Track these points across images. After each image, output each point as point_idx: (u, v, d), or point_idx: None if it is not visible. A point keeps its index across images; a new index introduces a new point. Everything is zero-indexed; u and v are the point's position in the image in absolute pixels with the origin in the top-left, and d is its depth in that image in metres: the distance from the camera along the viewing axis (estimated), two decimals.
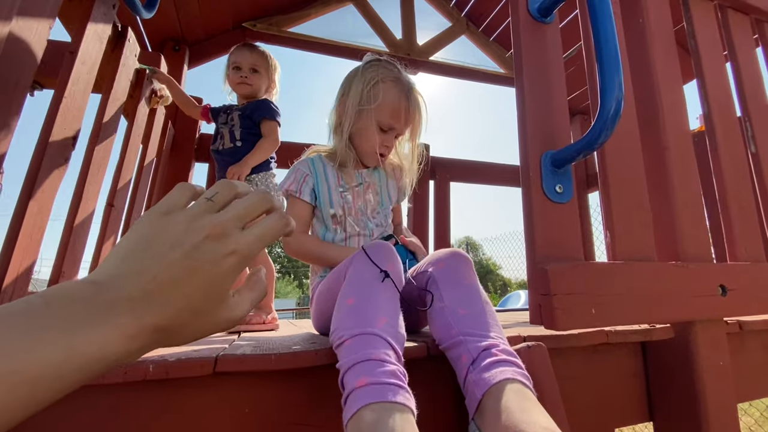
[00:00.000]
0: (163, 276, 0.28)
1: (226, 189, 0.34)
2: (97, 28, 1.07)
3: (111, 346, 0.26)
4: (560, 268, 0.66)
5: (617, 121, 0.66)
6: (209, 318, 0.31)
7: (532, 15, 0.84)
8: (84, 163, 1.12)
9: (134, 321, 0.27)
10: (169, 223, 0.31)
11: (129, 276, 0.28)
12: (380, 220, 1.10)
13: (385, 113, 1.03)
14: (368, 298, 0.62)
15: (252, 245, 0.32)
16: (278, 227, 0.34)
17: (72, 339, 0.24)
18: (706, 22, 1.13)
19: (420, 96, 1.10)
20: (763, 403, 3.48)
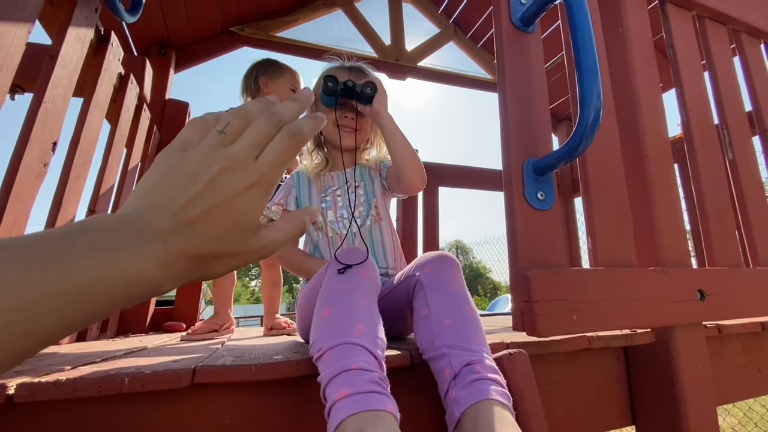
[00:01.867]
0: (187, 210, 0.29)
1: (237, 119, 0.33)
2: (79, 32, 1.06)
3: (149, 270, 0.27)
4: (542, 275, 0.67)
5: (596, 130, 0.67)
6: (239, 248, 0.32)
7: (515, 24, 0.86)
8: (64, 169, 1.10)
9: (164, 250, 0.27)
10: (184, 158, 0.31)
11: (153, 209, 0.29)
12: (365, 218, 1.08)
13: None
14: (344, 306, 0.62)
15: (270, 174, 0.32)
16: (289, 148, 0.33)
17: (113, 258, 0.25)
18: (684, 32, 1.16)
19: (364, 68, 1.11)
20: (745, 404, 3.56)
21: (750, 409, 3.52)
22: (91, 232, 0.26)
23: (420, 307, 0.69)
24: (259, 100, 0.35)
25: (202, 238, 0.29)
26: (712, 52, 1.23)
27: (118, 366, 0.56)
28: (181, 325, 1.86)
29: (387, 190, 1.13)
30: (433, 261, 0.76)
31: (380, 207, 1.09)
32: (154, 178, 0.31)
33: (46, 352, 0.91)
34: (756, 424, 3.30)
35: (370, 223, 1.06)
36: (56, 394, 0.47)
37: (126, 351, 0.86)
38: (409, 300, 0.77)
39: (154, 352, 0.82)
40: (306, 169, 1.13)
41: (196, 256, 0.29)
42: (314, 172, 1.11)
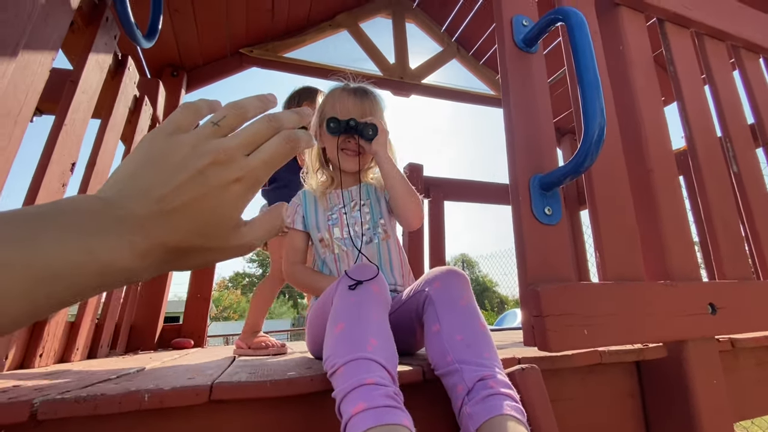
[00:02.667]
0: (170, 199, 0.28)
1: (234, 113, 0.33)
2: (99, 57, 1.10)
3: (124, 260, 0.26)
4: (551, 290, 0.67)
5: (601, 146, 0.69)
6: (219, 243, 0.31)
7: (518, 45, 0.88)
8: (81, 189, 1.13)
9: (143, 239, 0.27)
10: (174, 144, 0.30)
11: (136, 195, 0.28)
12: (372, 234, 1.09)
13: (337, 113, 1.07)
14: (356, 321, 0.63)
15: (257, 171, 0.31)
16: (283, 150, 0.33)
17: (89, 244, 0.24)
18: (683, 49, 1.19)
19: (370, 90, 1.13)
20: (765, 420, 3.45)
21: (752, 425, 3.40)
22: (68, 214, 0.25)
23: (431, 322, 0.69)
24: (258, 97, 0.35)
25: (182, 229, 0.28)
26: (711, 67, 1.25)
27: (135, 383, 0.57)
28: (189, 342, 1.86)
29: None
30: (443, 276, 0.77)
31: (387, 225, 1.10)
32: (139, 161, 0.29)
33: (61, 370, 0.92)
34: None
35: (378, 241, 1.07)
36: (78, 411, 0.48)
37: (138, 368, 0.87)
38: (419, 315, 0.78)
39: (168, 369, 0.83)
40: (312, 188, 1.15)
41: (174, 247, 0.28)
42: (320, 190, 1.13)
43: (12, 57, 0.66)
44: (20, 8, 0.67)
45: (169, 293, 1.97)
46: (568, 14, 0.76)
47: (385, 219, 1.11)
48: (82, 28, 1.07)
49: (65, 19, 0.91)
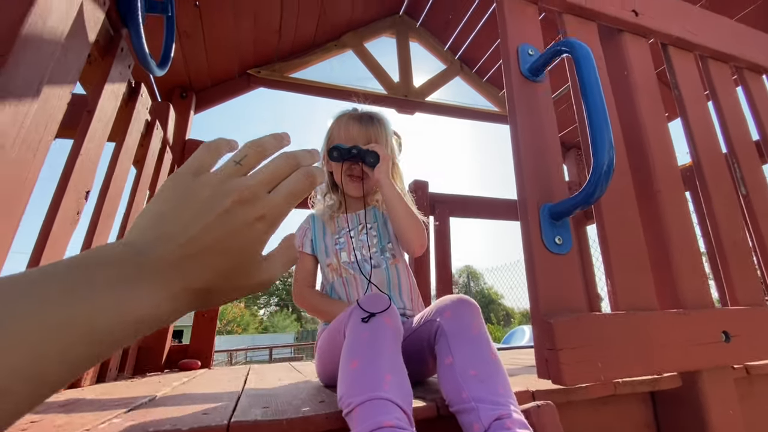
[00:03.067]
0: (197, 241, 0.28)
1: (254, 152, 0.34)
2: (114, 87, 1.13)
3: (156, 306, 0.26)
4: (565, 322, 0.67)
5: (610, 177, 0.69)
6: (242, 281, 0.31)
7: (524, 74, 0.90)
8: (94, 215, 1.15)
9: (173, 284, 0.27)
10: (198, 185, 0.30)
11: (163, 239, 0.28)
12: (380, 258, 1.08)
13: (342, 137, 1.09)
14: (371, 358, 0.63)
15: (280, 207, 0.32)
16: (303, 186, 0.33)
17: (121, 296, 0.24)
18: (687, 72, 1.20)
19: (376, 116, 1.14)
20: None
21: None
22: (100, 267, 0.25)
23: (443, 355, 0.69)
24: (274, 135, 0.36)
25: (209, 270, 0.29)
26: (716, 88, 1.27)
27: (150, 419, 0.57)
28: (196, 363, 1.86)
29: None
30: (453, 305, 0.77)
31: (395, 249, 1.10)
32: (165, 204, 0.30)
33: (74, 398, 0.92)
34: None
35: (386, 265, 1.06)
36: None
37: (150, 397, 0.87)
38: (431, 345, 0.77)
39: (180, 400, 0.83)
40: (320, 212, 1.16)
41: (201, 289, 0.29)
42: (328, 214, 1.14)
43: (35, 97, 0.68)
44: (44, 49, 0.69)
45: None
46: (574, 47, 0.77)
47: (393, 243, 1.11)
48: (99, 60, 1.10)
49: (83, 52, 0.94)
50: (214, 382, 1.23)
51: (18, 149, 0.66)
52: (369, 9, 2.88)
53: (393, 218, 1.04)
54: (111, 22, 1.12)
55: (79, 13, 0.85)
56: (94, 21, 1.00)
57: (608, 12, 1.07)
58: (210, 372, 1.70)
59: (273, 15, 2.31)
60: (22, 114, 0.65)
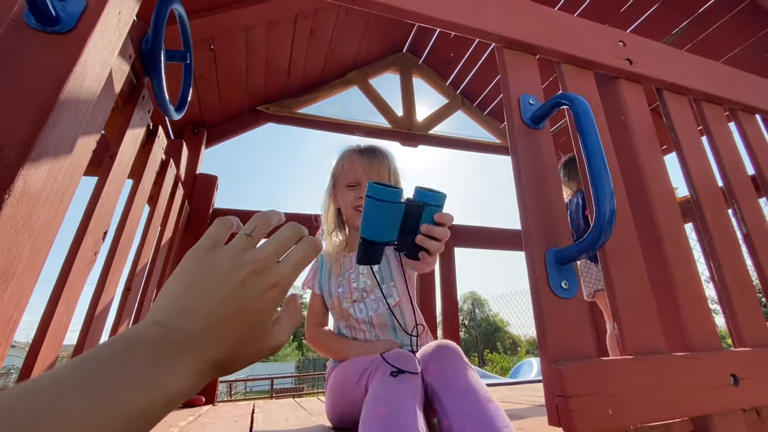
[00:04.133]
0: (218, 313, 0.30)
1: (262, 223, 0.36)
2: (134, 132, 1.19)
3: (185, 382, 0.28)
4: (574, 368, 0.68)
5: (613, 226, 0.72)
6: (256, 346, 0.33)
7: (526, 123, 0.95)
8: (109, 253, 1.18)
9: (199, 358, 0.29)
10: (215, 260, 0.33)
11: (187, 315, 0.30)
12: (379, 301, 1.05)
13: (346, 172, 1.13)
14: (400, 406, 0.63)
15: (290, 275, 0.35)
16: (310, 253, 0.36)
17: (156, 379, 0.26)
18: (682, 114, 1.25)
19: (379, 149, 1.17)
20: None
21: None
22: (136, 348, 0.27)
23: (441, 416, 0.69)
24: (273, 210, 0.39)
25: (229, 341, 0.30)
26: (711, 129, 1.31)
27: None
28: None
29: (405, 265, 1.09)
30: (434, 359, 0.77)
31: (398, 288, 1.08)
32: (185, 279, 0.32)
33: None
34: None
35: (389, 309, 1.04)
36: None
37: None
38: (430, 401, 0.76)
39: None
40: (326, 252, 1.17)
41: (222, 360, 0.30)
42: (334, 254, 1.15)
43: (69, 153, 0.73)
44: (79, 108, 0.74)
45: None
46: (573, 101, 0.82)
47: (397, 280, 1.08)
48: (121, 108, 1.16)
49: (109, 104, 1.00)
50: (222, 423, 1.22)
51: (50, 202, 0.70)
52: (374, 48, 3.02)
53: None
54: (134, 72, 1.19)
55: (110, 70, 0.91)
56: (121, 74, 1.07)
57: (604, 61, 1.14)
58: (215, 409, 1.68)
59: (283, 56, 2.43)
60: (56, 170, 0.69)
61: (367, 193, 0.68)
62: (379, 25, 2.81)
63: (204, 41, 2.03)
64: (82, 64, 0.71)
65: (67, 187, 0.84)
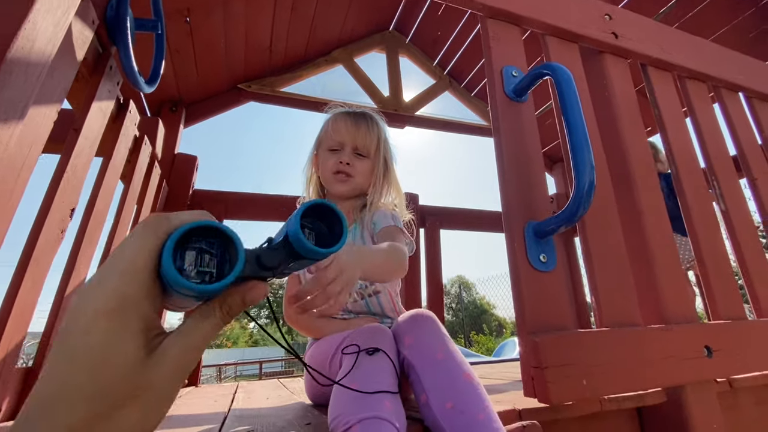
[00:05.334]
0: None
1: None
2: (102, 105, 1.13)
3: None
4: (550, 340, 0.68)
5: (592, 197, 0.71)
6: (127, 390, 0.25)
7: (508, 95, 0.92)
8: (79, 232, 1.13)
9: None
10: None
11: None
12: (356, 290, 1.00)
13: (330, 134, 1.05)
14: (372, 383, 0.62)
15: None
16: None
17: None
18: (666, 91, 1.24)
19: (369, 114, 1.09)
20: None
21: None
22: None
23: (418, 391, 0.67)
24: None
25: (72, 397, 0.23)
26: (694, 106, 1.31)
27: None
28: None
29: None
30: (410, 329, 0.73)
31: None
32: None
33: None
34: None
35: (366, 299, 1.00)
36: None
37: None
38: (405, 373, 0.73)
39: (163, 423, 0.81)
40: None
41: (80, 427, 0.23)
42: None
43: (20, 119, 0.68)
44: (30, 71, 0.69)
45: None
46: (556, 70, 0.80)
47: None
48: (87, 78, 1.09)
49: (71, 72, 0.94)
50: (201, 402, 1.21)
51: (3, 171, 0.66)
52: (359, 25, 2.93)
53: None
54: (100, 40, 1.12)
55: (68, 33, 0.85)
56: (83, 40, 1.00)
57: (589, 34, 1.11)
58: (197, 390, 1.67)
59: (264, 32, 2.34)
60: (6, 136, 0.65)
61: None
62: (364, 1, 2.72)
63: (179, 12, 1.94)
64: (31, 21, 0.66)
65: (25, 160, 0.80)
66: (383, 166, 1.09)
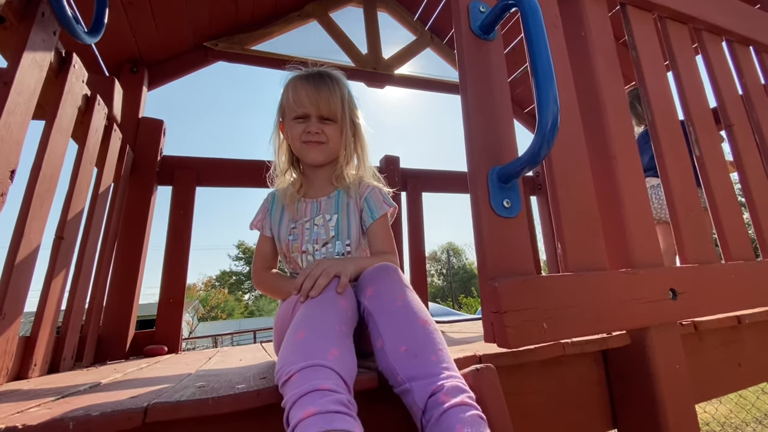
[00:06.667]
0: None
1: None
2: (36, 56, 1.03)
3: None
4: (510, 285, 0.66)
5: (556, 134, 0.67)
6: None
7: (474, 32, 0.86)
8: (25, 197, 1.06)
9: None
10: None
11: None
12: (336, 252, 0.98)
13: (292, 104, 1.00)
14: (319, 330, 0.60)
15: None
16: None
17: None
18: (646, 33, 1.18)
19: (328, 74, 1.04)
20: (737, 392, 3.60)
21: (741, 397, 3.56)
22: None
23: (375, 337, 0.66)
24: None
25: None
26: (674, 51, 1.25)
27: (69, 407, 0.53)
28: (162, 349, 1.81)
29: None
30: (372, 280, 0.73)
31: (354, 249, 0.99)
32: None
33: (10, 390, 0.87)
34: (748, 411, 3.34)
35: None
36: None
37: (92, 384, 0.83)
38: (365, 324, 0.73)
39: (122, 386, 0.79)
40: (281, 192, 1.08)
41: None
42: (288, 194, 1.05)
43: None
44: None
45: (140, 299, 1.91)
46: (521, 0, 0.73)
47: (353, 241, 0.99)
48: (15, 25, 0.99)
49: None
50: (173, 366, 1.19)
51: None
52: None
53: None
54: None
55: None
56: None
57: None
58: (176, 357, 1.66)
59: None
60: None
61: None
62: None
63: None
64: None
65: None
66: (351, 127, 1.06)
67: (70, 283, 1.36)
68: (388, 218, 1.03)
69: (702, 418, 3.32)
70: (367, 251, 1.04)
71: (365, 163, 1.09)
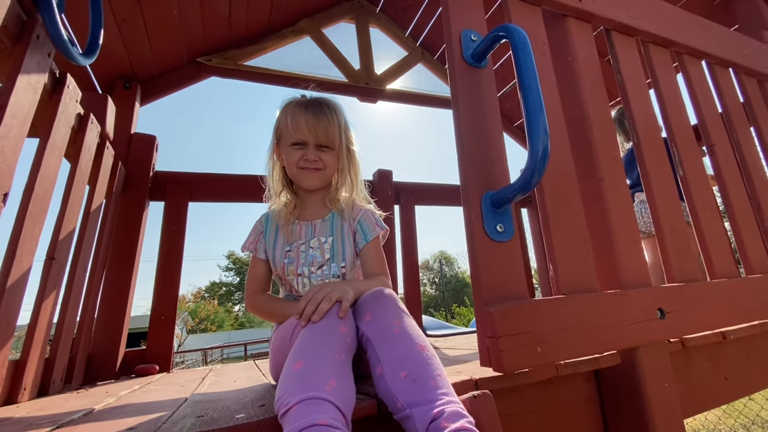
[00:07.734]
0: None
1: None
2: (30, 78, 1.03)
3: None
4: (504, 310, 0.67)
5: (546, 162, 0.70)
6: None
7: (467, 60, 0.89)
8: (17, 219, 1.05)
9: None
10: None
11: None
12: (331, 275, 0.99)
13: (291, 130, 1.01)
14: (317, 361, 0.60)
15: None
16: None
17: None
18: (630, 57, 1.23)
19: (327, 103, 1.06)
20: None
21: (728, 405, 3.61)
22: None
23: (374, 364, 0.67)
24: None
25: None
26: (656, 73, 1.30)
27: None
28: (153, 368, 1.78)
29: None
30: (369, 306, 0.75)
31: (348, 270, 1.01)
32: None
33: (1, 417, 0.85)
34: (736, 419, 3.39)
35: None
36: None
37: (85, 411, 0.82)
38: (363, 350, 0.74)
39: (116, 413, 0.78)
40: (275, 214, 1.08)
41: None
42: (283, 216, 1.05)
43: None
44: None
45: (130, 317, 1.88)
46: (512, 32, 0.76)
47: (348, 263, 1.00)
48: (9, 48, 0.99)
49: None
50: (167, 389, 1.18)
51: None
52: None
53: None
54: (23, 6, 1.01)
55: None
56: (1, 5, 0.90)
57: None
58: (168, 376, 1.64)
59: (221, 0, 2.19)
60: None
61: None
62: None
63: None
64: None
65: None
66: (347, 153, 1.08)
67: (60, 303, 1.34)
68: (380, 240, 1.05)
69: (692, 426, 3.36)
70: (360, 273, 1.05)
71: (357, 186, 1.10)
